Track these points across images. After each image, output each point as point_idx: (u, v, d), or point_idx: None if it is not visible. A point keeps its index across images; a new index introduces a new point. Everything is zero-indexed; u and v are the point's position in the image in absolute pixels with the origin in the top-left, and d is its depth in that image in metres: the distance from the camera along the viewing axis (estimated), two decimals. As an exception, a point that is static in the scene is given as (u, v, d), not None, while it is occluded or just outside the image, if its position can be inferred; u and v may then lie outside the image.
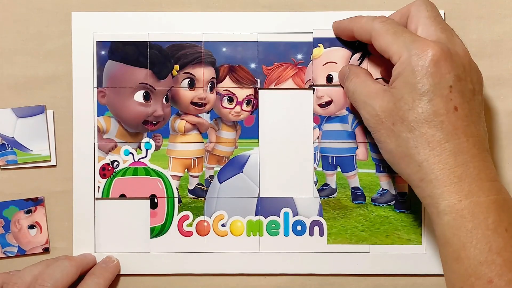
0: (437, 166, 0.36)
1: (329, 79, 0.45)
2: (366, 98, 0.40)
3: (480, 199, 0.35)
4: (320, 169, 0.46)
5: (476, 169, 0.36)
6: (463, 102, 0.37)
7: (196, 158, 0.46)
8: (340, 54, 0.45)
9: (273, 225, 0.45)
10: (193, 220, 0.45)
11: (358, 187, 0.45)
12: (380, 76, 0.45)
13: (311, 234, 0.45)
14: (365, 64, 0.45)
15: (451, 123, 0.36)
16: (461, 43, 0.38)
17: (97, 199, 0.45)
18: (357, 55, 0.45)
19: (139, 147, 0.46)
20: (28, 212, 0.46)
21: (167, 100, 0.45)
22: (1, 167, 0.46)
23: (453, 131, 0.36)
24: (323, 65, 0.45)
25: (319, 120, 0.45)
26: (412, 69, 0.37)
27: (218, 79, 0.45)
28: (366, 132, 0.45)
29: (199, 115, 0.46)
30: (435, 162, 0.36)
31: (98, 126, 0.45)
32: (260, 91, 0.45)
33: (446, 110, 0.36)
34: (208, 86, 0.45)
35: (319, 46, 0.45)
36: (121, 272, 0.45)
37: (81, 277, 0.43)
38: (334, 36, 0.45)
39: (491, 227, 0.35)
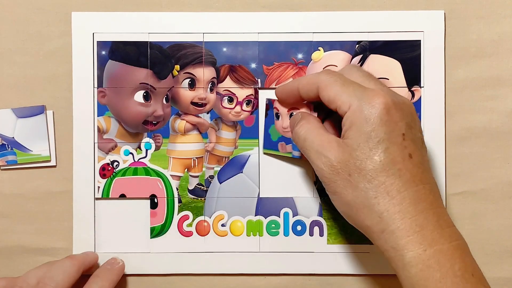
0: (398, 215, 0.35)
1: (329, 80, 0.45)
2: (320, 147, 0.39)
3: (443, 246, 0.35)
4: (320, 169, 0.46)
5: (436, 216, 0.36)
6: (416, 149, 0.37)
7: (196, 158, 0.46)
8: (340, 57, 0.45)
9: (273, 225, 0.45)
10: (193, 220, 0.46)
11: (358, 187, 0.45)
12: (381, 77, 0.45)
13: (311, 234, 0.45)
14: (365, 66, 0.45)
15: (408, 170, 0.36)
16: (402, 96, 0.39)
17: (97, 199, 0.45)
18: (357, 58, 0.45)
19: (139, 147, 0.46)
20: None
21: (167, 100, 0.45)
22: (1, 167, 0.46)
23: (411, 179, 0.36)
24: (323, 68, 0.45)
25: (319, 120, 0.45)
26: (365, 118, 0.37)
27: (219, 79, 0.45)
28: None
29: (199, 115, 0.46)
30: (396, 211, 0.36)
31: (98, 126, 0.45)
32: (260, 91, 0.45)
33: (402, 158, 0.36)
34: (209, 86, 0.45)
35: (319, 49, 0.45)
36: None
37: (86, 277, 0.43)
38: (334, 39, 0.45)
39: (458, 274, 0.34)
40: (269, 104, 0.45)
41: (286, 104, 0.44)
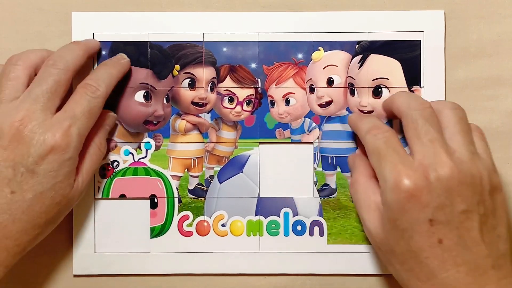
0: None
1: (330, 82, 0.45)
2: (364, 212, 0.39)
3: None
4: (320, 169, 0.46)
5: None
6: (449, 231, 0.35)
7: (196, 158, 0.46)
8: (340, 57, 0.45)
9: (273, 225, 0.45)
10: (193, 220, 0.45)
11: (358, 187, 0.45)
12: (381, 77, 0.45)
13: (311, 234, 0.45)
14: (365, 66, 0.45)
15: (436, 257, 0.35)
16: (477, 162, 0.37)
17: (97, 199, 0.45)
18: (357, 58, 0.45)
19: (139, 147, 0.46)
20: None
21: (167, 100, 0.45)
22: (1, 167, 0.46)
23: (440, 265, 0.34)
24: (323, 68, 0.45)
25: (319, 120, 0.45)
26: (388, 204, 0.36)
27: (219, 79, 0.45)
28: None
29: (200, 115, 0.46)
30: None
31: (98, 126, 0.45)
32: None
33: (429, 245, 0.35)
34: (209, 86, 0.45)
35: (319, 49, 0.45)
36: (121, 272, 0.45)
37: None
38: (334, 39, 0.45)
39: None
40: (263, 92, 0.45)
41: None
